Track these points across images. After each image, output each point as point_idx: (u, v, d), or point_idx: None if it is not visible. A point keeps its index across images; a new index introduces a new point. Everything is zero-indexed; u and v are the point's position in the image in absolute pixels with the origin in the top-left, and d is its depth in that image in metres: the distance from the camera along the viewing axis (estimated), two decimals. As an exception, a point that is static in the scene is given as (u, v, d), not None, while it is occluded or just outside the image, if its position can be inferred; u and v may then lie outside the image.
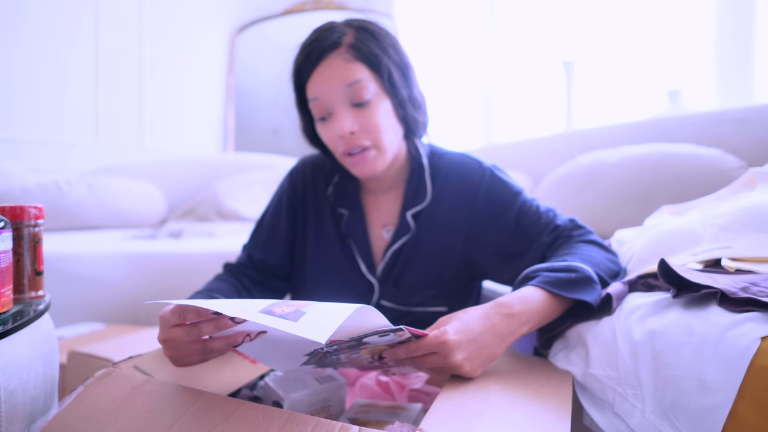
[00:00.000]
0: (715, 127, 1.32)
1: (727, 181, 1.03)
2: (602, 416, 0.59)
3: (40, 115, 2.50)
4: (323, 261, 0.89)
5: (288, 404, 0.59)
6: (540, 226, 0.80)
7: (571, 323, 0.68)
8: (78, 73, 2.64)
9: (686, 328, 0.50)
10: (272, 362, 0.66)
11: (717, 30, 1.96)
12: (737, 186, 0.82)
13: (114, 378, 0.55)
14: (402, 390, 0.72)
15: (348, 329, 0.50)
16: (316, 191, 0.92)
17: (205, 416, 0.48)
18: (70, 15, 2.60)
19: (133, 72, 2.89)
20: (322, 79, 0.77)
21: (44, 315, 0.65)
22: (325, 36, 0.77)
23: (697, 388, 0.46)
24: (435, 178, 0.87)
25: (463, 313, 0.60)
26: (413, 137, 0.87)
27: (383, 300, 0.85)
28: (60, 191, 1.89)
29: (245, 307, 0.48)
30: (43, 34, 2.48)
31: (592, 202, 1.32)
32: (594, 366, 0.61)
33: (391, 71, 0.78)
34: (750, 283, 0.53)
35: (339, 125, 0.77)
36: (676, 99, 1.95)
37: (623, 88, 2.31)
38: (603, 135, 1.58)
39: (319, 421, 0.45)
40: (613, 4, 2.32)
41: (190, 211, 2.19)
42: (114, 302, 1.42)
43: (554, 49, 2.45)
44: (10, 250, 0.59)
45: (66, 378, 0.92)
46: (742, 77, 1.88)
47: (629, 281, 0.67)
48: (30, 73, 2.44)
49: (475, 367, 0.58)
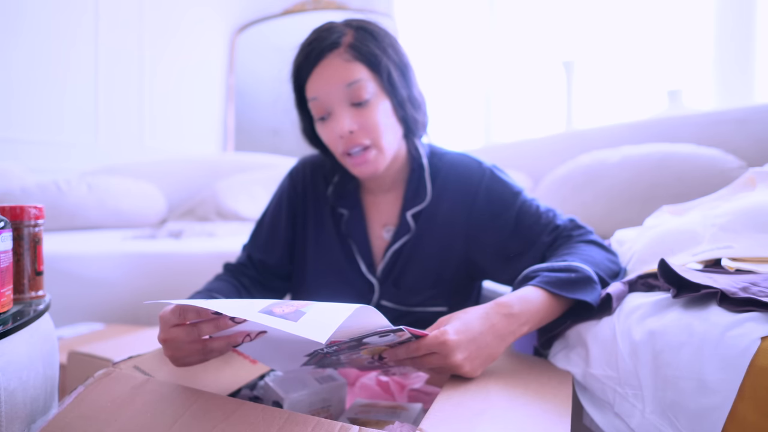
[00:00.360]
0: (715, 127, 1.32)
1: (727, 181, 1.03)
2: (602, 416, 0.59)
3: (40, 115, 2.50)
4: (323, 261, 0.89)
5: (288, 404, 0.59)
6: (540, 226, 0.80)
7: (571, 323, 0.68)
8: (78, 73, 2.64)
9: (686, 328, 0.50)
10: (272, 362, 0.66)
11: (717, 30, 1.96)
12: (737, 186, 0.82)
13: (114, 378, 0.55)
14: (402, 390, 0.72)
15: (348, 329, 0.50)
16: (316, 191, 0.92)
17: (205, 416, 0.48)
18: (70, 15, 2.60)
19: (133, 72, 2.89)
20: (321, 79, 0.77)
21: (44, 315, 0.65)
22: (325, 36, 0.77)
23: (697, 388, 0.46)
24: (435, 178, 0.87)
25: (463, 313, 0.61)
26: (413, 137, 0.87)
27: (383, 300, 0.85)
28: (60, 191, 1.89)
29: (245, 307, 0.48)
30: (43, 34, 2.48)
31: (592, 202, 1.32)
32: (594, 366, 0.61)
33: (390, 71, 0.78)
34: (750, 283, 0.53)
35: (338, 125, 0.77)
36: (676, 99, 1.95)
37: (623, 88, 2.31)
38: (603, 135, 1.58)
39: (319, 421, 0.45)
40: (613, 4, 2.32)
41: (190, 211, 2.19)
42: (114, 302, 1.42)
43: (554, 49, 2.45)
44: (10, 250, 0.59)
45: (66, 378, 0.92)
46: (742, 77, 1.88)
47: (629, 281, 0.67)
48: (30, 73, 2.44)
49: (475, 367, 0.58)
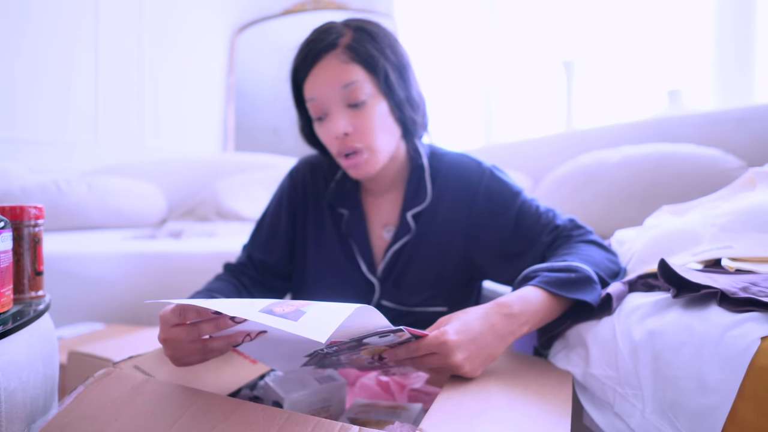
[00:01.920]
0: (715, 127, 1.32)
1: (727, 181, 1.02)
2: (602, 416, 0.59)
3: (40, 115, 2.50)
4: (323, 261, 0.89)
5: (288, 404, 0.59)
6: (540, 226, 0.80)
7: (571, 323, 0.68)
8: (78, 74, 2.64)
9: (686, 328, 0.50)
10: (272, 362, 0.66)
11: (717, 30, 1.96)
12: (737, 186, 0.82)
13: (114, 378, 0.55)
14: (402, 390, 0.72)
15: (348, 329, 0.50)
16: (316, 191, 0.92)
17: (205, 416, 0.48)
18: (71, 16, 2.60)
19: (133, 72, 2.89)
20: (318, 80, 0.77)
21: (44, 315, 0.65)
22: (323, 37, 0.78)
23: (697, 388, 0.46)
24: (435, 178, 0.87)
25: (463, 314, 0.61)
26: (412, 138, 0.87)
27: (384, 300, 0.85)
28: (60, 191, 1.89)
29: (245, 306, 0.48)
30: (44, 34, 2.48)
31: (592, 202, 1.32)
32: (594, 366, 0.61)
33: (387, 72, 0.78)
34: (750, 283, 0.53)
35: (334, 126, 0.77)
36: (676, 99, 1.95)
37: (623, 88, 2.31)
38: (603, 135, 1.58)
39: (319, 421, 0.45)
40: (613, 4, 2.32)
41: (190, 211, 2.19)
42: (114, 302, 1.42)
43: (554, 49, 2.45)
44: (10, 250, 0.59)
45: (66, 378, 0.92)
46: (742, 77, 1.88)
47: (629, 281, 0.67)
48: (31, 73, 2.44)
49: (475, 367, 0.58)
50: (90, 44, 2.68)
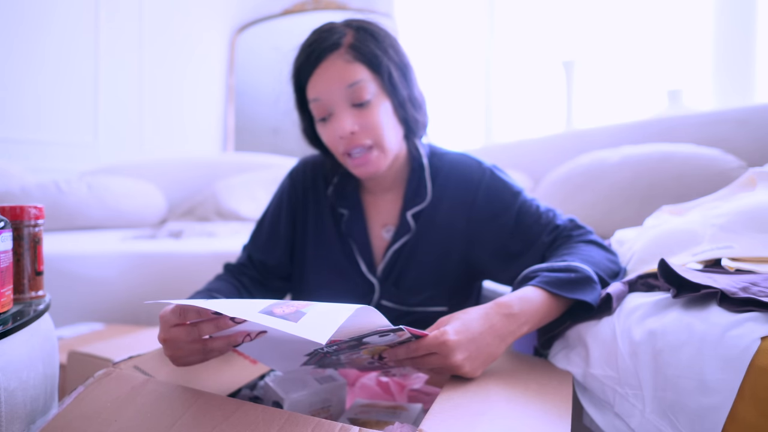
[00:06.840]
0: (715, 127, 1.32)
1: (727, 181, 1.02)
2: (602, 416, 0.59)
3: (40, 115, 2.50)
4: (323, 261, 0.89)
5: (288, 404, 0.59)
6: (540, 226, 0.80)
7: (571, 323, 0.68)
8: (78, 73, 2.64)
9: (686, 328, 0.50)
10: (272, 362, 0.66)
11: (717, 30, 1.96)
12: (737, 186, 0.82)
13: (114, 378, 0.55)
14: (402, 390, 0.72)
15: (348, 329, 0.50)
16: (316, 191, 0.92)
17: (205, 416, 0.48)
18: (70, 15, 2.60)
19: (133, 72, 2.89)
20: (322, 80, 0.77)
21: (44, 315, 0.65)
22: (325, 37, 0.77)
23: (697, 388, 0.46)
24: (435, 178, 0.87)
25: (463, 314, 0.61)
26: (413, 137, 0.87)
27: (383, 300, 0.85)
28: (60, 191, 1.89)
29: (245, 307, 0.48)
30: (44, 34, 2.48)
31: (592, 202, 1.32)
32: (594, 366, 0.61)
33: (390, 71, 0.78)
34: (750, 283, 0.53)
35: (339, 125, 0.77)
36: (676, 99, 1.95)
37: (623, 88, 2.31)
38: (603, 135, 1.58)
39: (319, 422, 0.45)
40: (613, 4, 2.32)
41: (190, 211, 2.19)
42: (114, 302, 1.42)
43: (554, 49, 2.45)
44: (10, 250, 0.59)
45: (66, 378, 0.92)
46: (742, 77, 1.88)
47: (629, 281, 0.67)
48: (30, 72, 2.44)
49: (475, 368, 0.58)
50: (90, 44, 2.68)
